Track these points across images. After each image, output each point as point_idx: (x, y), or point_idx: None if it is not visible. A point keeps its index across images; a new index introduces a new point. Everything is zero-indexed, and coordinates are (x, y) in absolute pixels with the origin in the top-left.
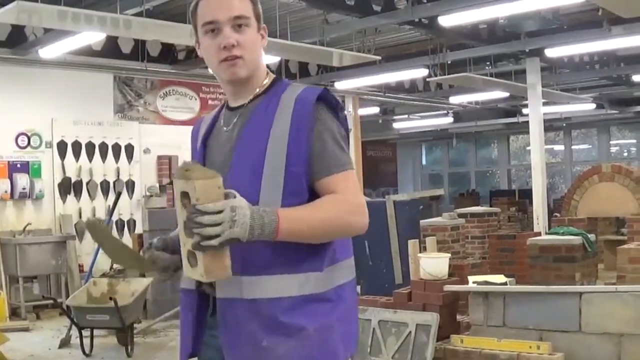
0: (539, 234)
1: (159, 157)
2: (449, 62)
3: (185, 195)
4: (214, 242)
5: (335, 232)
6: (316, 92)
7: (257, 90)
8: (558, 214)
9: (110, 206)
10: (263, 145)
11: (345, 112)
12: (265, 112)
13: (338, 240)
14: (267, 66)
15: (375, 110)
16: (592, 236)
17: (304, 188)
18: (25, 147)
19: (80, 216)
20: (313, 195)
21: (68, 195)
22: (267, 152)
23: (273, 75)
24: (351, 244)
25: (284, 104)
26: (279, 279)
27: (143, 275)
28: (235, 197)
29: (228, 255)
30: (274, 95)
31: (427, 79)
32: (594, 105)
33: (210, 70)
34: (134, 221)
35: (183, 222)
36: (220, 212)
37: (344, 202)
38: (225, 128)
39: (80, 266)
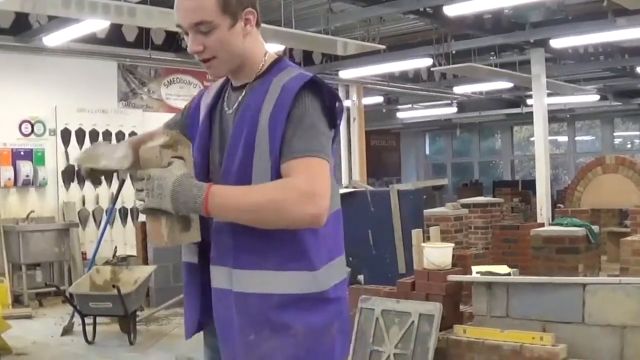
0: (543, 224)
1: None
2: (454, 52)
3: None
4: (140, 208)
5: (272, 219)
6: (303, 79)
7: (257, 73)
8: (561, 205)
9: (114, 194)
10: (252, 132)
11: (348, 101)
12: (257, 97)
13: (332, 237)
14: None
15: (379, 99)
16: (595, 228)
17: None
18: (28, 135)
19: (83, 204)
20: None
21: (71, 183)
22: (257, 137)
23: (274, 56)
24: (342, 241)
25: (272, 90)
26: (269, 275)
27: (146, 263)
28: (168, 165)
29: (165, 224)
30: (267, 80)
31: (432, 69)
32: (598, 97)
33: None
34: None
35: None
36: (141, 179)
37: (289, 188)
38: (227, 109)
39: (83, 254)
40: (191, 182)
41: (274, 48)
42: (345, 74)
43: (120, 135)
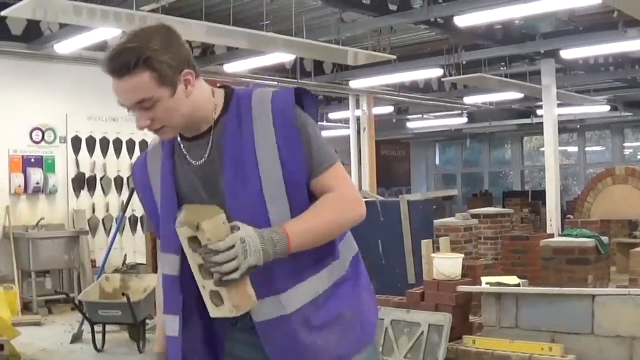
0: (552, 235)
1: None
2: (464, 62)
3: (193, 239)
4: (235, 275)
5: (340, 230)
6: (290, 97)
7: (214, 115)
8: (571, 216)
9: (124, 202)
10: (254, 165)
11: (358, 111)
12: (239, 132)
13: None
14: (280, 68)
15: (389, 109)
16: (605, 238)
17: (305, 192)
18: (39, 142)
19: (93, 211)
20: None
21: (81, 191)
22: (261, 170)
23: (221, 90)
24: None
25: (259, 117)
26: (310, 282)
27: (155, 271)
28: (239, 228)
29: (249, 284)
30: (242, 111)
31: (442, 79)
32: (608, 107)
33: (225, 68)
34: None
35: (198, 266)
36: (232, 247)
37: (342, 200)
38: (197, 161)
39: (93, 261)
40: (265, 231)
41: (285, 57)
42: (356, 83)
43: (130, 143)
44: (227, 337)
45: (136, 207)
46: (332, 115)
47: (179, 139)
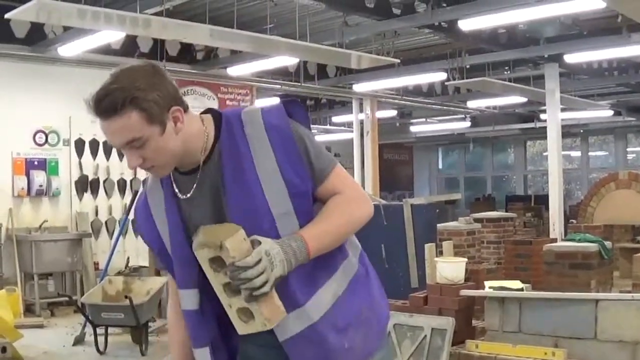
0: (555, 240)
1: None
2: (468, 66)
3: (213, 260)
4: (266, 288)
5: (353, 230)
6: (281, 111)
7: (206, 145)
8: (574, 221)
9: (127, 204)
10: (258, 187)
11: (362, 115)
12: (238, 154)
13: None
14: (284, 71)
15: (392, 113)
16: (608, 243)
17: (311, 201)
18: (42, 145)
19: (96, 214)
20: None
21: (85, 193)
22: (265, 192)
23: (209, 117)
24: None
25: (254, 137)
26: (330, 284)
27: (158, 274)
28: (260, 242)
29: (277, 296)
30: (233, 136)
31: (446, 83)
32: (611, 112)
33: (229, 71)
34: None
35: (222, 286)
36: (259, 261)
37: (349, 200)
38: (195, 192)
39: (96, 264)
40: (283, 241)
41: (289, 61)
42: (359, 87)
43: None
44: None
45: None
46: (336, 119)
47: (172, 175)
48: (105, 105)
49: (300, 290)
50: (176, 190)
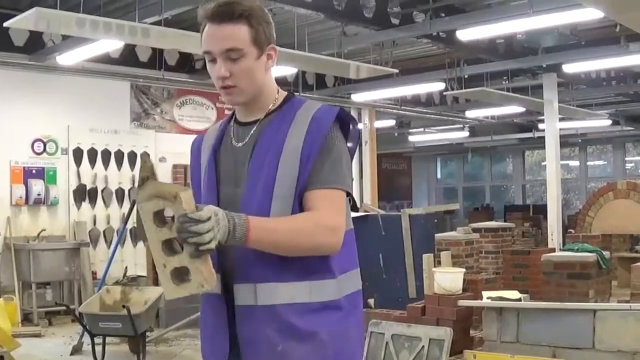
0: (554, 250)
1: (175, 166)
2: (466, 76)
3: (157, 215)
4: (212, 244)
5: (304, 249)
6: (333, 113)
7: (270, 107)
8: (572, 230)
9: (126, 214)
10: (275, 162)
11: (359, 125)
12: (278, 129)
13: (347, 252)
14: (282, 81)
15: (391, 123)
16: (606, 253)
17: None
18: (41, 153)
19: (94, 223)
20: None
21: (83, 202)
22: (279, 168)
23: (285, 93)
24: (356, 254)
25: (298, 122)
26: (291, 286)
27: (156, 284)
28: (205, 205)
29: (210, 262)
30: (287, 113)
31: (444, 93)
32: (610, 122)
33: None
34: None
35: (161, 242)
36: (208, 218)
37: (319, 221)
38: (238, 144)
39: (94, 273)
40: (231, 214)
41: (287, 71)
42: (358, 97)
43: (132, 156)
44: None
45: (137, 220)
46: None
47: (232, 122)
48: (224, 10)
49: (262, 270)
50: (232, 135)
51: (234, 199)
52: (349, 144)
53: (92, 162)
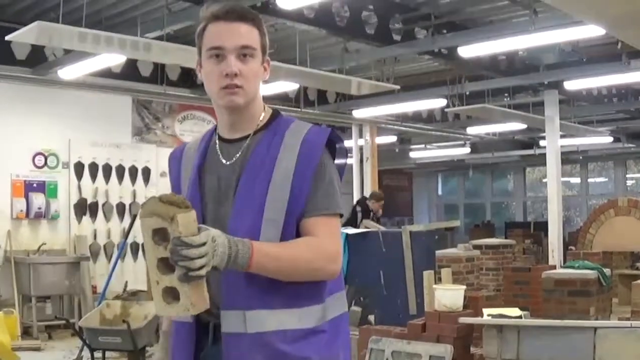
0: (554, 267)
1: None
2: (468, 92)
3: (157, 232)
4: (202, 271)
5: (304, 275)
6: (324, 135)
7: (258, 124)
8: (573, 247)
9: (126, 228)
10: (266, 184)
11: (361, 140)
12: (268, 149)
13: None
14: (283, 96)
15: (392, 139)
16: (607, 270)
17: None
18: (42, 167)
19: (95, 237)
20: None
21: (83, 216)
22: (269, 191)
23: (270, 110)
24: (342, 277)
25: (288, 143)
26: (280, 313)
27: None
28: (207, 229)
29: (205, 287)
30: (276, 132)
31: (445, 109)
32: (611, 139)
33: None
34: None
35: (157, 259)
36: (204, 243)
37: (320, 248)
38: (225, 161)
39: (94, 287)
40: (234, 240)
41: (289, 86)
42: (359, 113)
43: (133, 170)
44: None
45: (138, 234)
46: None
47: (216, 139)
48: (240, 11)
49: (251, 297)
50: (218, 152)
51: (219, 217)
52: (338, 161)
53: (93, 176)
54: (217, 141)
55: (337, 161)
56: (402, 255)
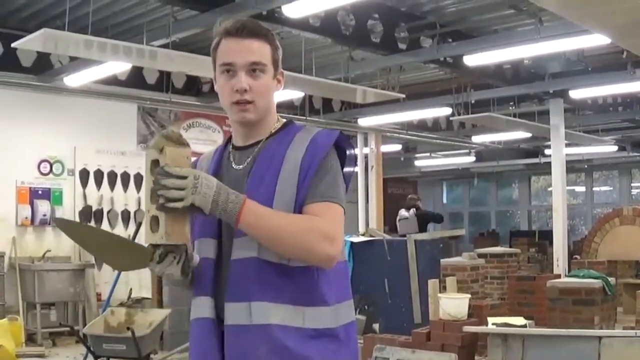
0: (559, 276)
1: None
2: (473, 101)
3: (155, 163)
4: (177, 204)
5: (295, 249)
6: (332, 137)
7: (271, 131)
8: (578, 256)
9: (131, 236)
10: (272, 185)
11: (366, 149)
12: (275, 152)
13: (341, 281)
14: (289, 104)
15: (397, 147)
16: (612, 279)
17: None
18: (47, 174)
19: None
20: None
21: (88, 223)
22: (277, 186)
23: (284, 120)
24: (350, 288)
25: (296, 145)
26: (286, 308)
27: (161, 306)
28: (198, 171)
29: (188, 226)
30: (287, 135)
31: (450, 118)
32: (616, 148)
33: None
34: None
35: (150, 189)
36: (184, 177)
37: (315, 225)
38: (237, 167)
39: (98, 294)
40: (228, 189)
41: (294, 95)
42: (364, 121)
43: (138, 178)
44: None
45: (142, 241)
46: None
47: (230, 147)
48: (251, 27)
49: (257, 289)
50: (231, 160)
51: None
52: (347, 169)
53: (98, 183)
54: (230, 150)
55: (345, 169)
56: (407, 264)
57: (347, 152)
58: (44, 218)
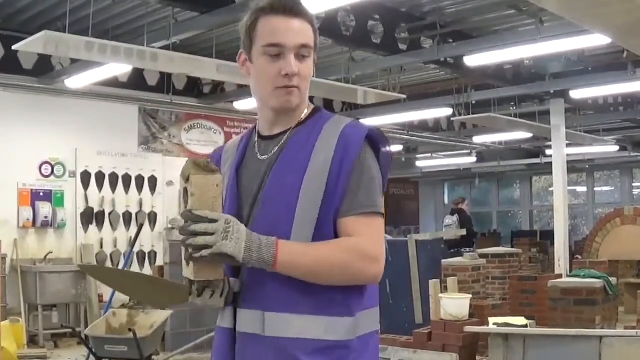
0: (560, 276)
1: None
2: (474, 101)
3: (185, 192)
4: (205, 252)
5: (342, 278)
6: (364, 130)
7: (299, 120)
8: (579, 256)
9: (132, 237)
10: (299, 177)
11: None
12: (305, 142)
13: (370, 287)
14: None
15: (398, 148)
16: (613, 279)
17: (332, 225)
18: (48, 176)
19: (101, 246)
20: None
21: (90, 225)
22: (304, 184)
23: (312, 106)
24: (378, 292)
25: (326, 136)
26: (305, 319)
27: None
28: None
29: (221, 266)
30: (314, 126)
31: (451, 119)
32: (617, 147)
33: (235, 105)
34: (155, 253)
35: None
36: (214, 221)
37: (360, 249)
38: (262, 157)
39: (100, 296)
40: (256, 235)
41: None
42: (365, 122)
43: (139, 179)
44: None
45: (144, 243)
46: None
47: (256, 137)
48: (301, 8)
49: (274, 298)
50: (256, 150)
51: (249, 216)
52: (384, 170)
53: (100, 185)
54: (256, 139)
55: (382, 170)
56: (409, 265)
57: (382, 150)
58: (46, 220)
